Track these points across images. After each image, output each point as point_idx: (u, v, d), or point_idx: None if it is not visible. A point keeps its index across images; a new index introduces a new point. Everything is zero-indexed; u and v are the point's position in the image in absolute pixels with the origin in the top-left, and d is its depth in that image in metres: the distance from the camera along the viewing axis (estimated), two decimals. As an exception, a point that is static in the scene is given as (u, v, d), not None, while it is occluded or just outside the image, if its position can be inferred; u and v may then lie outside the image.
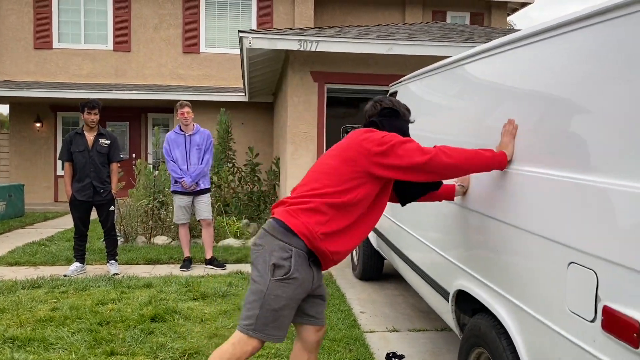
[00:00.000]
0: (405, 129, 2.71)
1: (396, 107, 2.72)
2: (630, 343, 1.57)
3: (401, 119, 2.72)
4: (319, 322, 2.60)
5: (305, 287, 2.40)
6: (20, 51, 12.76)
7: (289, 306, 2.35)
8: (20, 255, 6.57)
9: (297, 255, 2.33)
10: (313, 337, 2.60)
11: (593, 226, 1.77)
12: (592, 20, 1.93)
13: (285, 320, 2.37)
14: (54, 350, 3.49)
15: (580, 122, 1.94)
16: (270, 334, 2.35)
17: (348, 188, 2.38)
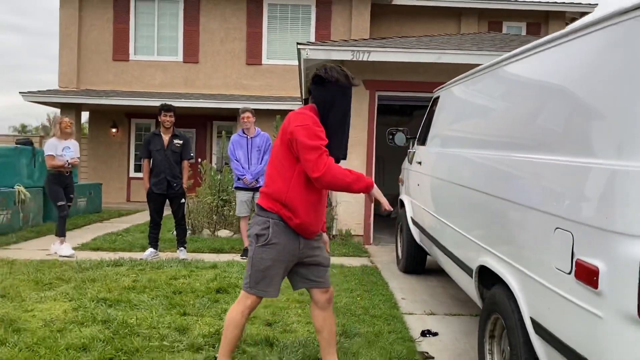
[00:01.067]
0: (336, 97, 2.85)
1: (322, 74, 2.85)
2: (592, 285, 1.99)
3: (331, 85, 2.83)
4: (321, 284, 3.03)
5: (289, 251, 2.85)
6: (100, 63, 14.01)
7: (274, 267, 2.83)
8: (101, 243, 7.43)
9: (275, 224, 2.83)
10: (321, 298, 3.04)
11: (570, 196, 2.20)
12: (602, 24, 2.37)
13: (273, 279, 2.85)
14: (138, 310, 4.18)
15: (565, 112, 2.38)
16: (261, 290, 2.86)
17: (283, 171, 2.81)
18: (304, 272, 3.01)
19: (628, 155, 1.91)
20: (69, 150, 6.82)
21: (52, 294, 4.58)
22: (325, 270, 3.06)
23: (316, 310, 3.07)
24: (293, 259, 2.92)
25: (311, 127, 2.74)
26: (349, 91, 2.91)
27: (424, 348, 3.83)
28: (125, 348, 3.37)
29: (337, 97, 2.86)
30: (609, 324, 1.93)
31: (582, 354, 2.07)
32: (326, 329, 3.07)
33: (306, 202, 2.84)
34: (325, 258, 3.06)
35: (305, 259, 2.96)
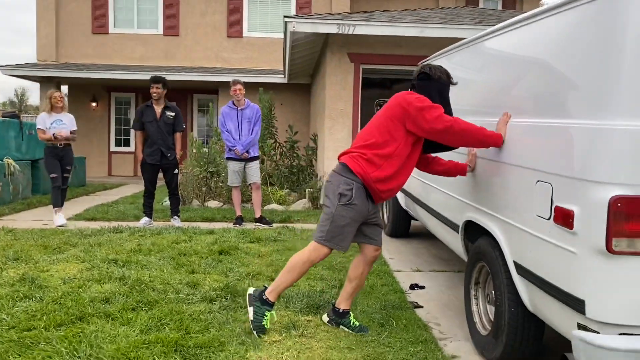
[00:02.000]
0: (440, 91, 3.32)
1: (429, 72, 3.31)
2: (568, 227, 2.36)
3: (435, 82, 3.31)
4: (376, 242, 3.44)
5: (363, 213, 3.26)
6: (79, 36, 13.90)
7: (350, 225, 3.22)
8: (94, 213, 7.63)
9: (357, 188, 3.20)
10: (371, 254, 3.44)
11: (549, 152, 2.55)
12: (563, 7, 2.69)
13: (347, 235, 3.24)
14: (148, 270, 4.47)
15: (543, 80, 2.72)
16: (336, 244, 3.24)
17: (390, 141, 3.18)
18: (364, 230, 3.38)
19: (598, 115, 2.26)
20: (61, 123, 6.93)
21: (63, 256, 4.83)
22: (381, 230, 3.47)
23: (361, 263, 3.45)
24: (363, 219, 3.29)
25: (427, 99, 3.16)
26: (449, 88, 3.37)
27: (413, 299, 4.21)
28: (145, 300, 3.66)
29: (440, 92, 3.30)
30: (582, 258, 2.29)
31: (559, 286, 2.45)
32: (358, 280, 3.46)
33: (403, 170, 3.23)
34: (381, 220, 3.51)
35: (369, 220, 3.35)
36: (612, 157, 2.18)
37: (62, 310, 3.45)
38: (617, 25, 2.26)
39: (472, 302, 3.55)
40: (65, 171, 7.00)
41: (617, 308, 2.22)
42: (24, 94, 58.44)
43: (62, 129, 6.89)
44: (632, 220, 2.15)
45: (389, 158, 3.18)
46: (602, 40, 2.33)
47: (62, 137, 6.87)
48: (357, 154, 3.24)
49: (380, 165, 3.18)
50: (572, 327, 2.38)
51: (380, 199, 3.32)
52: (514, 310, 2.91)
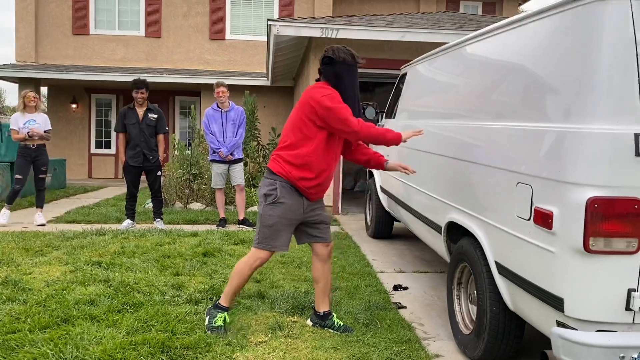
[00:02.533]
0: (346, 73, 3.23)
1: (332, 55, 3.22)
2: (547, 227, 2.43)
3: (340, 64, 3.21)
4: (323, 239, 3.43)
5: (295, 210, 3.24)
6: (59, 37, 13.74)
7: (279, 223, 3.20)
8: (75, 216, 7.56)
9: (281, 186, 3.21)
10: (323, 251, 3.44)
11: (530, 155, 2.63)
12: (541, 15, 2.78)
13: (280, 234, 3.23)
14: (132, 272, 4.46)
15: (523, 85, 2.80)
16: (269, 245, 3.25)
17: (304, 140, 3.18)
18: (308, 230, 3.40)
19: (576, 119, 2.34)
20: (35, 123, 6.88)
21: (45, 259, 4.79)
22: (327, 226, 3.46)
23: (317, 262, 3.46)
24: (298, 217, 3.29)
25: (335, 96, 3.15)
26: (355, 68, 3.28)
27: (396, 299, 4.28)
28: (130, 302, 3.66)
29: (346, 74, 3.22)
30: (561, 258, 2.37)
31: (539, 285, 2.52)
32: (323, 279, 3.47)
33: (325, 165, 3.23)
34: (326, 216, 3.45)
35: (310, 217, 3.35)
36: (589, 159, 2.27)
37: (47, 313, 3.44)
38: (593, 32, 2.35)
39: (454, 302, 3.62)
40: (40, 172, 6.98)
41: (595, 305, 2.30)
42: (0, 94, 57.45)
43: (35, 128, 6.84)
44: (608, 221, 2.24)
45: (307, 156, 3.19)
46: (579, 47, 2.41)
47: (36, 135, 6.81)
48: (277, 156, 3.28)
49: (300, 164, 3.20)
50: (551, 324, 2.46)
51: (312, 195, 3.29)
52: (496, 309, 2.99)
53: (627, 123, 2.25)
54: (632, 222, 2.24)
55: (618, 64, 2.28)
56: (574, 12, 2.51)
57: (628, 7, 2.31)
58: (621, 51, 2.28)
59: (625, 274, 2.27)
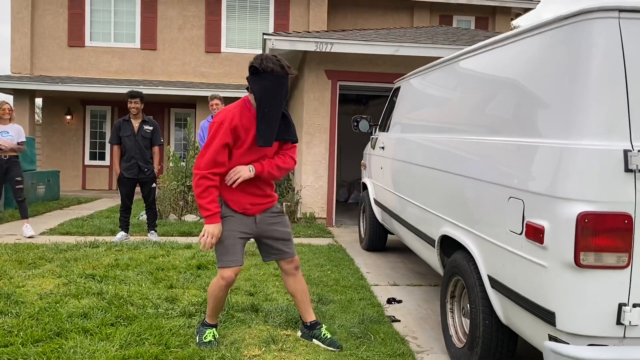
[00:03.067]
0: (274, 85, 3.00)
1: (258, 65, 2.99)
2: (539, 241, 2.46)
3: (267, 74, 2.98)
4: (286, 255, 3.36)
5: (244, 223, 3.18)
6: (55, 49, 13.77)
7: (230, 237, 3.13)
8: (69, 228, 7.53)
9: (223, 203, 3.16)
10: (288, 267, 3.40)
11: (521, 170, 2.67)
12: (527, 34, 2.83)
13: (232, 248, 3.15)
14: (125, 284, 4.45)
15: (515, 101, 2.84)
16: (226, 262, 3.16)
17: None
18: (267, 246, 3.36)
19: (566, 135, 2.38)
20: (7, 135, 6.89)
21: (39, 271, 4.78)
22: (285, 243, 3.36)
23: (285, 277, 3.44)
24: (250, 230, 3.24)
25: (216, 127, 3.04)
26: (285, 80, 3.04)
27: (390, 313, 4.28)
28: (124, 315, 3.65)
29: (272, 87, 2.99)
30: (552, 272, 2.40)
31: (530, 299, 2.55)
32: (298, 291, 3.44)
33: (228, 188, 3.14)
34: (282, 232, 3.34)
35: (264, 233, 3.30)
36: (579, 175, 2.30)
37: (39, 326, 3.43)
38: (583, 49, 2.39)
39: (448, 315, 3.63)
40: (15, 183, 6.97)
41: (586, 320, 2.32)
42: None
43: (7, 139, 6.84)
44: (598, 235, 2.27)
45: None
46: (569, 63, 2.46)
47: (7, 148, 6.80)
48: None
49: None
50: (543, 338, 2.48)
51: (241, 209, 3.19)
52: (488, 322, 3.00)
53: (617, 139, 2.29)
54: (622, 236, 2.27)
55: (607, 81, 2.33)
56: (563, 29, 2.56)
57: (616, 25, 2.36)
58: (610, 68, 2.33)
59: (616, 288, 2.29)
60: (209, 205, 3.02)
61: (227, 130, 3.03)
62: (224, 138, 3.02)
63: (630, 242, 2.27)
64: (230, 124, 3.04)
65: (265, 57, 3.05)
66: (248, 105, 3.14)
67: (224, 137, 3.02)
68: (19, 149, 6.98)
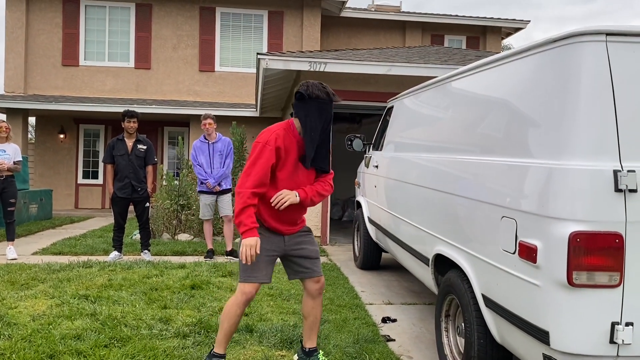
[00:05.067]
0: (319, 110, 3.11)
1: (304, 91, 3.10)
2: (532, 261, 2.48)
3: (314, 101, 3.10)
4: (313, 274, 3.31)
5: (273, 242, 3.19)
6: (49, 68, 13.82)
7: (259, 255, 3.06)
8: (62, 247, 7.49)
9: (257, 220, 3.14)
10: (313, 287, 3.36)
11: (514, 190, 2.70)
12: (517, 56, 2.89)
13: (259, 265, 3.12)
14: (119, 305, 4.42)
15: (507, 121, 2.89)
16: (249, 277, 3.13)
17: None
18: (294, 265, 3.34)
19: (557, 155, 2.42)
20: (4, 154, 6.82)
21: (31, 292, 4.74)
22: (314, 261, 3.35)
23: (307, 298, 3.38)
24: (277, 249, 3.25)
25: (261, 147, 3.08)
26: (329, 106, 3.16)
27: (385, 332, 4.28)
28: (118, 336, 3.63)
29: (317, 112, 3.11)
30: (545, 291, 2.41)
31: (524, 318, 2.56)
32: (312, 316, 3.39)
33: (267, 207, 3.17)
34: (312, 250, 3.34)
35: (293, 251, 3.29)
36: (570, 195, 2.33)
37: (32, 348, 3.39)
38: (572, 71, 2.45)
39: (442, 334, 3.63)
40: (8, 204, 6.85)
41: (580, 338, 2.33)
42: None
43: (4, 159, 6.78)
44: (590, 255, 2.29)
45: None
46: (558, 85, 2.51)
47: (4, 168, 6.75)
48: None
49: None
50: (537, 357, 2.49)
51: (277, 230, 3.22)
52: (483, 341, 3.01)
53: (606, 159, 2.33)
54: (614, 256, 2.30)
55: (596, 102, 2.38)
56: (553, 52, 2.61)
57: (604, 48, 2.41)
58: (598, 89, 2.38)
59: (609, 307, 2.31)
60: (246, 221, 3.02)
61: (272, 151, 3.09)
62: (271, 159, 3.08)
63: (622, 261, 2.30)
64: (275, 144, 3.10)
65: (311, 84, 3.15)
66: (292, 127, 3.19)
67: (270, 158, 3.08)
68: (16, 169, 6.90)
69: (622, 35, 2.41)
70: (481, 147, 3.23)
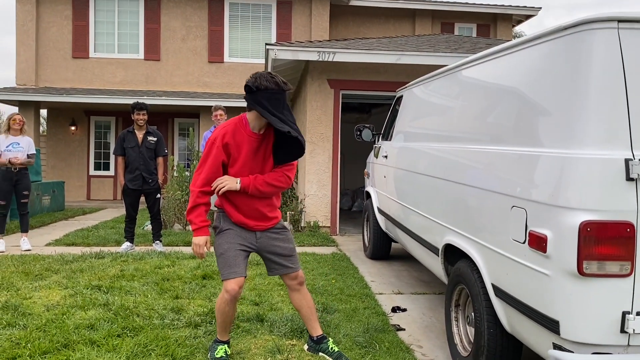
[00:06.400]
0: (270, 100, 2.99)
1: (252, 84, 3.01)
2: (542, 250, 2.48)
3: (263, 92, 2.98)
4: (289, 270, 3.34)
5: (243, 237, 3.19)
6: (59, 60, 13.89)
7: (230, 250, 3.14)
8: (74, 238, 7.57)
9: (223, 216, 3.23)
10: (291, 283, 3.38)
11: (524, 179, 2.68)
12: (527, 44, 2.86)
13: (232, 260, 3.13)
14: (131, 295, 4.48)
15: (517, 110, 2.87)
16: (228, 273, 3.12)
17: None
18: (269, 261, 3.35)
19: (567, 144, 2.40)
20: (17, 146, 6.86)
21: (45, 283, 4.81)
22: (288, 258, 3.34)
23: (290, 292, 3.43)
24: (249, 243, 3.24)
25: (209, 145, 3.12)
26: (282, 96, 3.04)
27: (395, 321, 4.29)
28: (130, 326, 3.68)
29: (268, 103, 2.99)
30: (555, 280, 2.41)
31: (534, 307, 2.56)
32: (304, 306, 3.42)
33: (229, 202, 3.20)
34: (285, 248, 3.33)
35: (266, 248, 3.30)
36: (581, 184, 2.32)
37: (47, 338, 3.45)
38: (583, 58, 2.42)
39: (452, 323, 3.64)
40: (22, 196, 6.91)
41: (590, 328, 2.33)
42: (0, 116, 57.77)
43: (18, 151, 6.83)
44: (601, 244, 2.28)
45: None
46: (569, 73, 2.48)
47: (18, 162, 6.78)
48: None
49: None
50: (547, 346, 2.48)
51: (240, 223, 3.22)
52: (493, 331, 3.01)
53: (618, 148, 2.30)
54: (625, 245, 2.28)
55: (607, 90, 2.35)
56: (564, 39, 2.58)
57: (616, 35, 2.38)
58: (610, 77, 2.35)
59: (619, 296, 2.30)
60: (196, 220, 3.12)
61: (220, 148, 3.10)
62: (218, 156, 3.11)
63: (633, 250, 2.29)
64: (222, 141, 3.11)
65: (259, 75, 3.06)
66: (244, 122, 3.16)
67: (218, 155, 3.11)
68: (29, 163, 6.96)
69: (635, 22, 2.38)
70: (491, 136, 3.21)
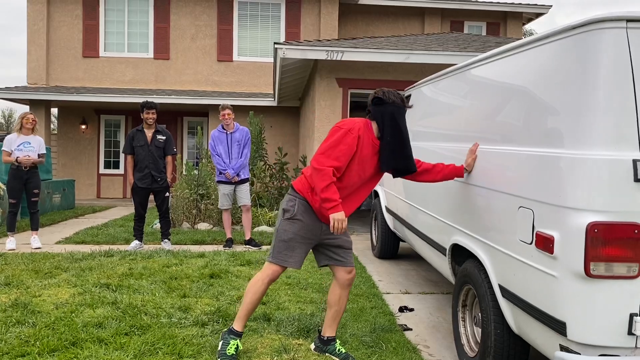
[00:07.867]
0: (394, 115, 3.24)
1: (382, 96, 3.27)
2: (549, 251, 2.46)
3: (390, 106, 3.25)
4: (343, 263, 3.40)
5: (312, 229, 3.26)
6: (70, 59, 14.00)
7: (295, 240, 3.21)
8: (84, 236, 7.63)
9: (300, 204, 3.26)
10: (344, 277, 3.41)
11: (531, 180, 2.67)
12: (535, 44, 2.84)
13: (294, 250, 3.22)
14: (139, 294, 4.51)
15: (525, 110, 2.85)
16: (283, 260, 3.23)
17: None
18: (328, 252, 3.39)
19: (575, 145, 2.38)
20: (29, 146, 6.91)
21: (54, 281, 4.85)
22: (347, 252, 3.42)
23: (336, 287, 3.42)
24: (314, 237, 3.30)
25: (344, 133, 3.14)
26: (404, 111, 3.30)
27: (402, 321, 4.28)
28: (138, 325, 3.70)
29: (394, 116, 3.24)
30: (562, 282, 2.39)
31: (541, 309, 2.54)
32: (337, 306, 3.43)
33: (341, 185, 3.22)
34: (346, 241, 3.40)
35: (327, 240, 3.34)
36: (588, 185, 2.30)
37: (55, 336, 3.48)
38: (591, 58, 2.40)
39: (459, 324, 3.63)
40: (32, 195, 6.97)
41: (597, 330, 2.31)
42: (11, 115, 58.28)
43: (29, 151, 6.88)
44: (608, 246, 2.26)
45: None
46: (578, 73, 2.46)
47: (29, 162, 6.82)
48: (303, 173, 3.36)
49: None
50: (554, 348, 2.47)
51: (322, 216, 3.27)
52: (500, 332, 3.00)
53: (626, 149, 2.28)
54: (633, 246, 2.26)
55: (615, 90, 2.33)
56: (572, 39, 2.56)
57: (624, 35, 2.36)
58: (618, 77, 2.33)
59: (627, 298, 2.29)
60: (334, 196, 3.05)
61: (355, 139, 3.17)
62: (353, 146, 3.16)
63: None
64: (358, 133, 3.19)
65: (387, 90, 3.31)
66: (370, 127, 3.28)
67: (352, 145, 3.15)
68: (39, 162, 7.01)
69: (644, 22, 2.35)
70: (499, 136, 3.20)
